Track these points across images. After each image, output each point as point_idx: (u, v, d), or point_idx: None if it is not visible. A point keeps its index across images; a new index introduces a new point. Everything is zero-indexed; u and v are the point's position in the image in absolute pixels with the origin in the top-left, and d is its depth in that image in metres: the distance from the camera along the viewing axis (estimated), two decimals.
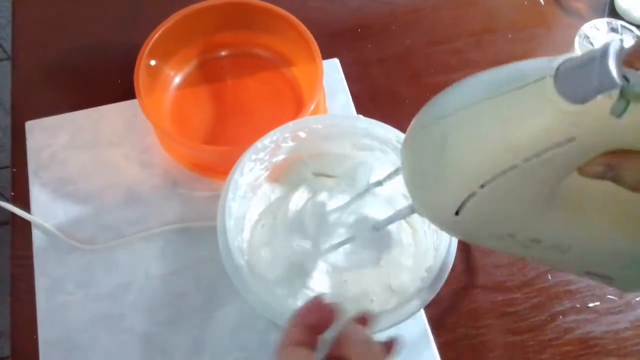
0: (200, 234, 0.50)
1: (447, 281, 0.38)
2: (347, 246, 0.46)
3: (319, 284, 0.44)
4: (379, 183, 0.42)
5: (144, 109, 0.48)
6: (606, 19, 0.55)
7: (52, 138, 0.54)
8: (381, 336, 0.29)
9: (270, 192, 0.48)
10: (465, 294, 0.49)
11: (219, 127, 0.55)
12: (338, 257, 0.46)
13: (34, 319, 0.46)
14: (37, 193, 0.51)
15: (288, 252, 0.45)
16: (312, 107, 0.49)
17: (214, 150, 0.51)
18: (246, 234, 0.47)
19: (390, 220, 0.36)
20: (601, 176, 0.23)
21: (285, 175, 0.49)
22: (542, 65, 0.23)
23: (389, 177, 0.39)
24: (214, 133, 0.55)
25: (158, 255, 0.49)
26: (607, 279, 0.30)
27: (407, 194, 0.47)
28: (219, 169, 0.51)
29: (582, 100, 0.21)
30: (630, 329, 0.48)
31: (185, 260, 0.49)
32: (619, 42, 0.21)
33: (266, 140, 0.43)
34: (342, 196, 0.48)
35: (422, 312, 0.47)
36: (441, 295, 0.37)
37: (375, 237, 0.47)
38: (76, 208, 0.51)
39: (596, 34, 0.54)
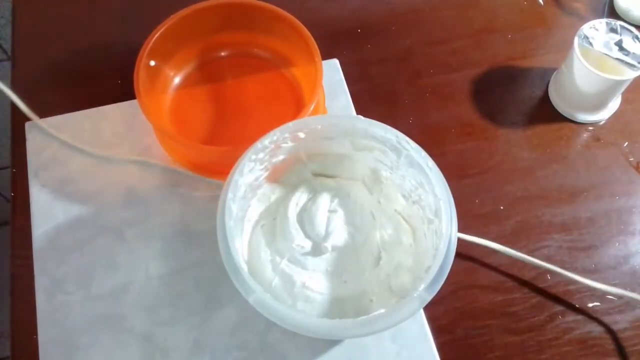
0: (200, 234, 0.50)
1: (447, 281, 0.38)
2: (346, 246, 0.46)
3: (319, 284, 0.44)
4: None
5: (143, 109, 0.48)
6: (605, 20, 0.55)
7: (52, 138, 0.54)
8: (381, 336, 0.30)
9: (270, 193, 0.48)
10: (465, 294, 0.49)
11: (219, 127, 0.55)
12: (338, 257, 0.46)
13: (34, 319, 0.46)
14: (37, 193, 0.51)
15: (288, 253, 0.45)
16: (312, 108, 0.49)
17: (214, 151, 0.51)
18: (246, 235, 0.47)
19: None
20: None
21: (285, 175, 0.49)
22: None
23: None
24: (214, 133, 0.55)
25: (158, 255, 0.49)
26: None
27: (406, 194, 0.47)
28: (219, 169, 0.51)
29: None
30: (629, 329, 0.48)
31: (185, 260, 0.49)
32: None
33: (266, 141, 0.43)
34: (341, 196, 0.48)
35: (422, 312, 0.47)
36: (441, 295, 0.37)
37: (374, 237, 0.47)
38: (76, 208, 0.51)
39: (595, 34, 0.54)
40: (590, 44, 0.54)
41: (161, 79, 0.55)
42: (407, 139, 0.43)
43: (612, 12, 0.66)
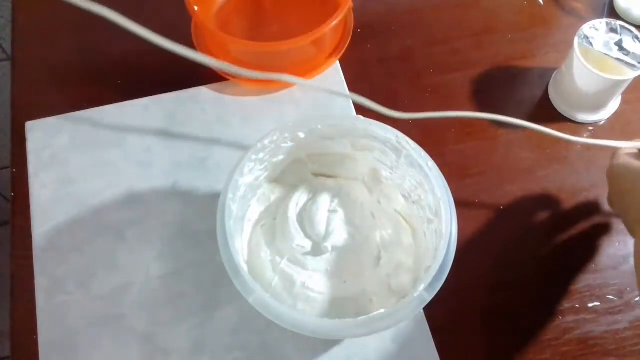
0: (200, 234, 0.50)
1: (446, 281, 0.38)
2: (346, 246, 0.46)
3: (319, 284, 0.44)
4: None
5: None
6: (605, 20, 0.55)
7: (52, 138, 0.54)
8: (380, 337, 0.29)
9: (270, 193, 0.49)
10: (465, 294, 0.49)
11: (259, 35, 0.59)
12: (337, 257, 0.46)
13: (34, 319, 0.46)
14: (37, 193, 0.51)
15: (288, 253, 0.45)
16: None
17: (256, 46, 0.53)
18: (246, 235, 0.47)
19: None
20: None
21: (285, 175, 0.49)
22: None
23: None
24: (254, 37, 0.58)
25: (158, 255, 0.49)
26: None
27: (406, 194, 0.47)
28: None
29: None
30: (629, 329, 0.48)
31: (185, 260, 0.49)
32: None
33: (266, 141, 0.43)
34: (341, 196, 0.48)
35: (422, 312, 0.47)
36: (441, 295, 0.37)
37: (374, 237, 0.47)
38: (76, 208, 0.51)
39: (595, 34, 0.54)
40: (590, 44, 0.54)
41: None
42: (407, 139, 0.43)
43: (612, 12, 0.66)
